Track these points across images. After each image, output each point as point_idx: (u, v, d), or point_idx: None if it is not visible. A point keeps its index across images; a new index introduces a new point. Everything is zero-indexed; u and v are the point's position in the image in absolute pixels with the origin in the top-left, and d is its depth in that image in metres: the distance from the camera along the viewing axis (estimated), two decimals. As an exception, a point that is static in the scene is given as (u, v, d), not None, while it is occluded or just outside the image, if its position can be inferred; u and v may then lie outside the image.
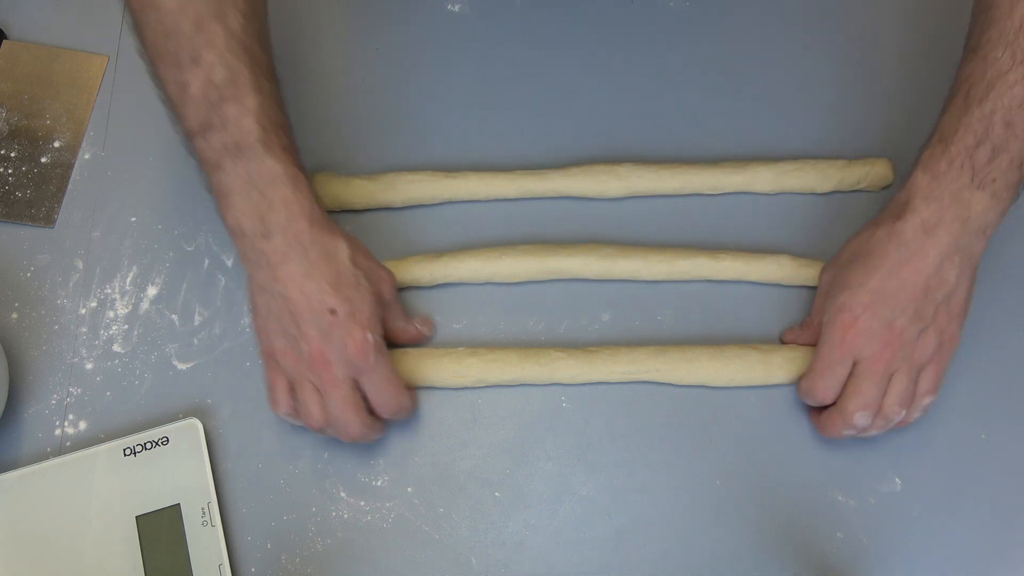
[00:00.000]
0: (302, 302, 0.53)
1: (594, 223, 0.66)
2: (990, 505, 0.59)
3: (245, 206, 0.53)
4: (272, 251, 0.53)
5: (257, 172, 0.53)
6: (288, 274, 0.53)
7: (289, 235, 0.53)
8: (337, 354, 0.54)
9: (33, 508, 0.56)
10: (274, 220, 0.53)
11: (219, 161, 0.53)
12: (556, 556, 0.58)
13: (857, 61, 0.72)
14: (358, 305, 0.54)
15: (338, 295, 0.54)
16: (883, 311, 0.55)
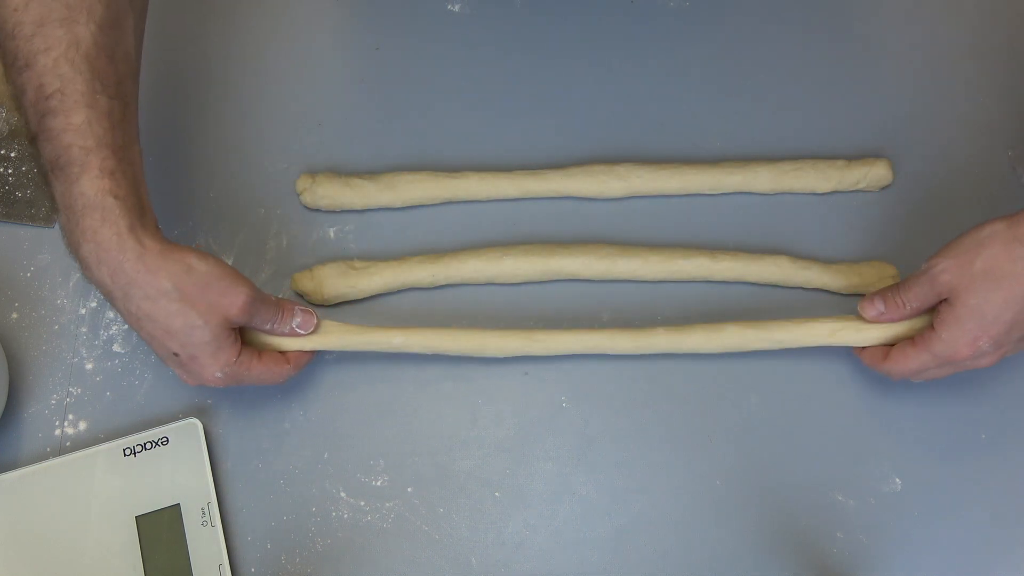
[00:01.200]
0: (148, 341, 0.53)
1: (594, 223, 0.66)
2: (990, 505, 0.59)
3: (67, 227, 0.51)
4: (99, 285, 0.51)
5: (71, 195, 0.49)
6: (124, 312, 0.52)
7: (104, 274, 0.50)
8: (197, 380, 0.55)
9: (33, 508, 0.56)
10: (88, 253, 0.50)
11: (48, 175, 0.51)
12: (556, 556, 0.58)
13: (857, 61, 0.72)
14: (196, 346, 0.52)
15: (173, 340, 0.52)
16: (1004, 339, 0.54)
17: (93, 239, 0.50)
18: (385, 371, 0.62)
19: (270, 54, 0.71)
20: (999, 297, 0.52)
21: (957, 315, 0.54)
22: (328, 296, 0.62)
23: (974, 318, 0.53)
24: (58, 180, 0.50)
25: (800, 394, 0.62)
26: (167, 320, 0.51)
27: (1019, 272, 0.52)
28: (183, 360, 0.53)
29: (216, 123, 0.69)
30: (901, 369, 0.57)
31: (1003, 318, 0.53)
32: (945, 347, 0.54)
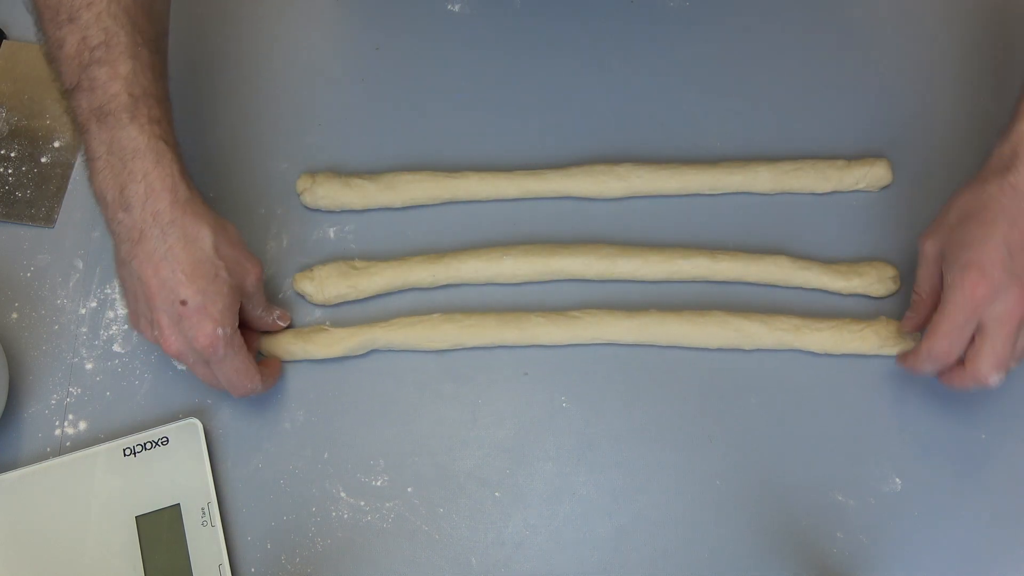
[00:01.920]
0: (155, 287, 0.52)
1: (594, 223, 0.66)
2: (990, 505, 0.59)
3: (107, 174, 0.52)
4: (131, 226, 0.52)
5: (119, 141, 0.51)
6: (145, 253, 0.52)
7: (148, 212, 0.52)
8: (187, 345, 0.53)
9: (33, 508, 0.56)
10: (133, 193, 0.51)
11: (86, 124, 0.52)
12: (556, 556, 0.58)
13: (857, 61, 0.72)
14: (211, 297, 0.53)
15: (192, 285, 0.52)
16: (1011, 266, 0.53)
17: (144, 179, 0.51)
18: (385, 371, 0.62)
19: (270, 54, 0.71)
20: (980, 230, 0.54)
21: (953, 262, 0.54)
22: (329, 296, 0.62)
23: (967, 254, 0.53)
24: (103, 127, 0.51)
25: (800, 394, 0.62)
26: (195, 264, 0.52)
27: (987, 203, 0.54)
28: (189, 310, 0.52)
29: (216, 123, 0.69)
30: (939, 344, 0.55)
31: (994, 243, 0.53)
32: (960, 294, 0.53)
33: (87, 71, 0.51)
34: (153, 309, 0.53)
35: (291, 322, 0.62)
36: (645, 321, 0.62)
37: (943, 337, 0.54)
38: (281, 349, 0.61)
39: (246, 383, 0.56)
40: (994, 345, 0.53)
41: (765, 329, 0.61)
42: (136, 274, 0.53)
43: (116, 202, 0.52)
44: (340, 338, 0.61)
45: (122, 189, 0.52)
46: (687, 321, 0.62)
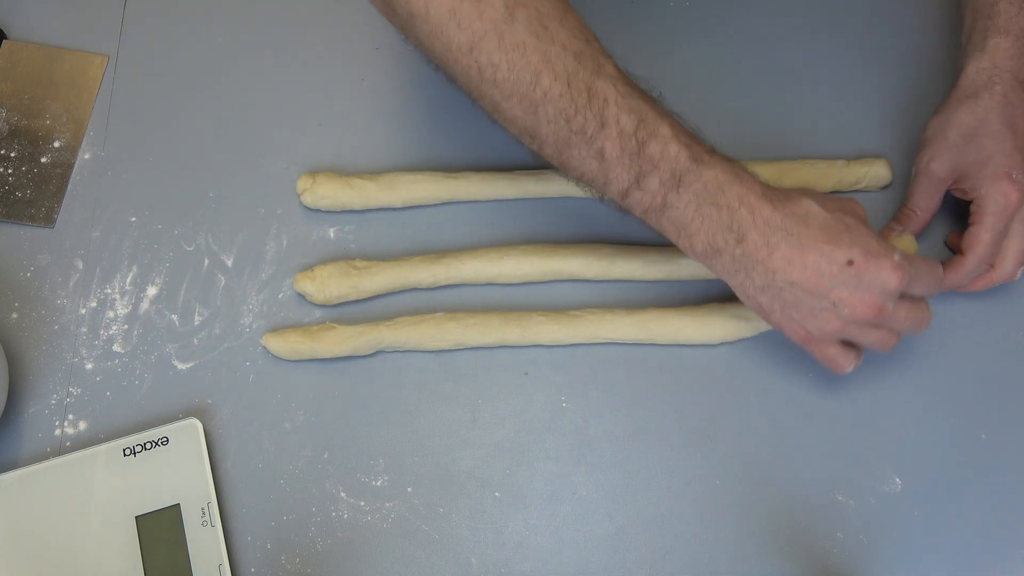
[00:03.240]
0: (813, 277, 0.51)
1: (594, 223, 0.66)
2: (990, 505, 0.59)
3: (708, 225, 0.52)
4: (755, 249, 0.51)
5: (703, 189, 0.51)
6: (782, 261, 0.51)
7: (760, 226, 0.51)
8: (881, 295, 0.51)
9: (33, 508, 0.56)
10: (741, 221, 0.51)
11: (664, 201, 0.52)
12: (556, 556, 0.58)
13: (856, 61, 0.72)
14: (862, 239, 0.51)
15: (842, 245, 0.51)
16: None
17: (741, 203, 0.51)
18: (385, 371, 0.62)
19: (270, 54, 0.71)
20: (993, 143, 0.58)
21: (978, 177, 0.58)
22: (330, 296, 0.62)
23: (991, 167, 0.58)
24: (683, 190, 0.51)
25: (800, 393, 0.62)
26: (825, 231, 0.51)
27: (988, 116, 0.58)
28: (860, 263, 0.50)
29: (216, 123, 0.69)
30: (985, 253, 0.59)
31: (1009, 151, 0.58)
32: (996, 204, 0.58)
33: (643, 156, 0.51)
34: (828, 294, 0.51)
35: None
36: (645, 317, 0.62)
37: (988, 246, 0.59)
38: (288, 348, 0.61)
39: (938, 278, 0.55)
40: (1019, 243, 0.59)
41: None
42: (787, 283, 0.51)
43: (729, 242, 0.52)
44: (347, 336, 0.61)
45: (729, 227, 0.51)
46: (687, 314, 0.62)
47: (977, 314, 0.64)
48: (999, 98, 0.59)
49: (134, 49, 0.71)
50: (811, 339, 0.54)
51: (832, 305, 0.52)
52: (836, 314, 0.52)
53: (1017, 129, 0.59)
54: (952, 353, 0.63)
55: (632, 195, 0.52)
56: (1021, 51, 0.60)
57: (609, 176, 0.52)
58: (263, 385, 0.61)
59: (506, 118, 0.52)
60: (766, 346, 0.63)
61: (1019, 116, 0.59)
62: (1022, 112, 0.59)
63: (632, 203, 0.53)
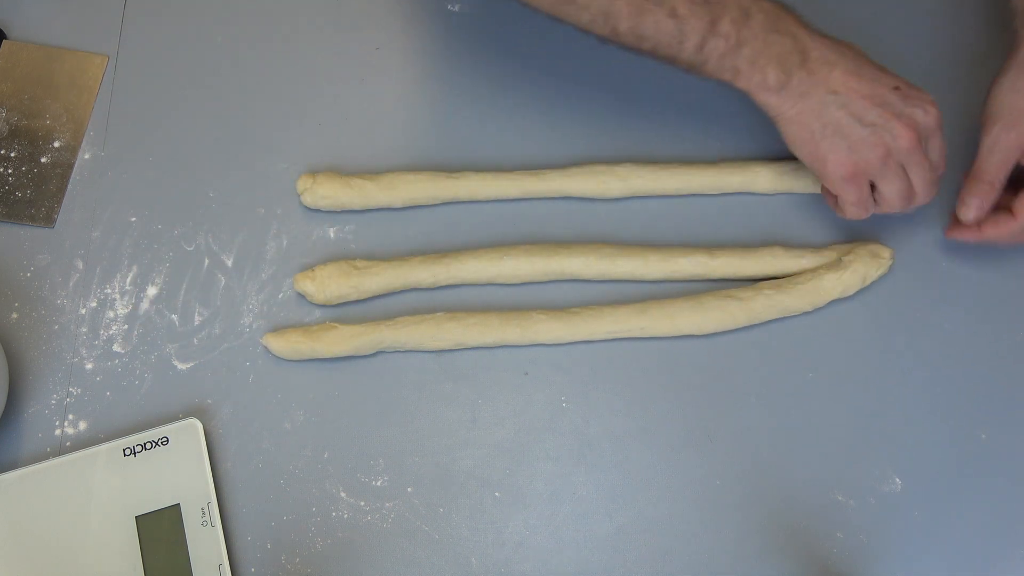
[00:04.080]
0: (868, 91, 0.55)
1: (594, 223, 0.66)
2: (990, 505, 0.59)
3: (778, 52, 0.55)
4: (817, 67, 0.55)
5: (766, 18, 0.55)
6: (840, 77, 0.55)
7: (819, 46, 0.55)
8: (921, 122, 0.56)
9: (33, 508, 0.56)
10: (803, 41, 0.55)
11: (737, 39, 0.54)
12: (556, 556, 0.58)
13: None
14: (902, 79, 0.57)
15: (888, 73, 0.56)
16: None
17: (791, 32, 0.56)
18: (385, 371, 0.62)
19: (270, 54, 0.71)
20: None
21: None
22: (330, 296, 0.62)
23: None
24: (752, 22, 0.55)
25: (800, 393, 0.62)
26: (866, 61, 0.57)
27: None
28: (904, 89, 0.56)
29: (216, 123, 0.69)
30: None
31: None
32: None
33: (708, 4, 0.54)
34: (877, 115, 0.55)
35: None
36: (644, 305, 0.62)
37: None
38: (289, 347, 0.61)
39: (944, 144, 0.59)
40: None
41: (751, 292, 0.62)
42: (844, 103, 0.55)
43: (793, 64, 0.55)
44: (348, 336, 0.61)
45: (793, 51, 0.55)
46: (685, 301, 0.62)
47: (977, 314, 0.64)
48: None
49: (134, 49, 0.71)
50: (855, 171, 0.57)
51: (882, 126, 0.55)
52: (882, 138, 0.56)
53: None
54: (952, 353, 0.63)
55: (708, 43, 0.55)
56: None
57: (685, 31, 0.54)
58: (263, 385, 0.61)
59: (580, 5, 0.55)
60: (766, 346, 0.63)
61: None
62: None
63: (709, 52, 0.55)
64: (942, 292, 0.64)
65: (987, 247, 0.63)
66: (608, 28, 0.55)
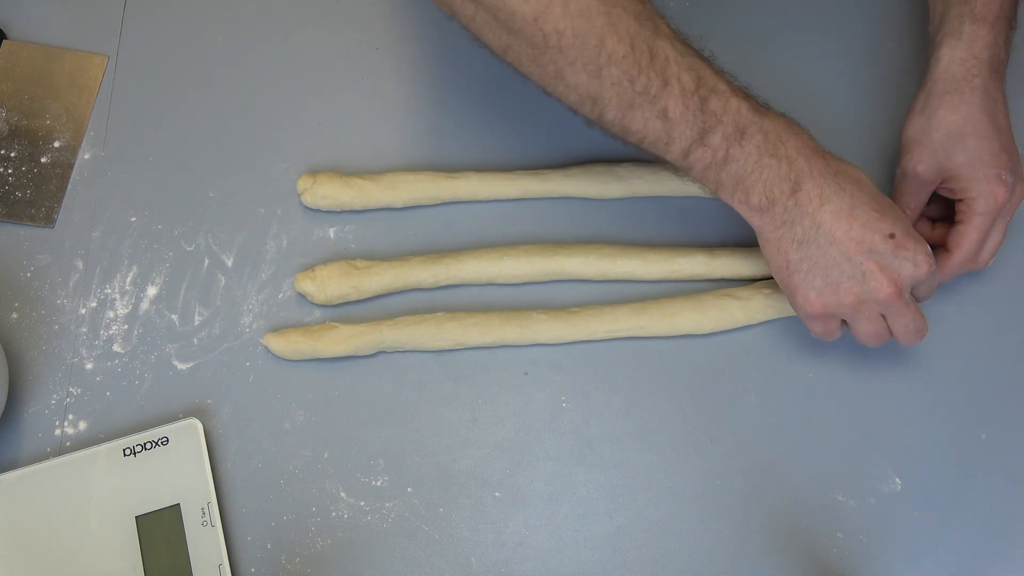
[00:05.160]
0: (858, 236, 0.52)
1: (594, 223, 0.66)
2: (990, 505, 0.59)
3: (767, 177, 0.53)
4: (807, 199, 0.53)
5: (764, 140, 0.52)
6: (830, 215, 0.53)
7: (816, 177, 0.53)
8: (908, 276, 0.53)
9: (33, 508, 0.56)
10: (798, 170, 0.53)
11: (725, 156, 0.52)
12: (556, 556, 0.58)
13: (857, 61, 0.72)
14: (903, 220, 0.54)
15: (887, 218, 0.53)
16: (1010, 164, 0.59)
17: (798, 153, 0.53)
18: (385, 371, 0.62)
19: (270, 54, 0.71)
20: (982, 144, 0.58)
21: (969, 178, 0.58)
22: (331, 296, 0.62)
23: (982, 168, 0.58)
24: (745, 142, 0.52)
25: (800, 393, 0.62)
26: (877, 198, 0.54)
27: (975, 116, 0.58)
28: (899, 238, 0.53)
29: (216, 123, 0.69)
30: (973, 250, 0.60)
31: (996, 151, 0.58)
32: (987, 204, 0.58)
33: (705, 112, 0.51)
34: (862, 261, 0.53)
35: None
36: (644, 304, 0.62)
37: (976, 244, 0.60)
38: (289, 347, 0.61)
39: (933, 290, 0.57)
40: (997, 236, 0.60)
41: (750, 291, 0.63)
42: (827, 240, 0.53)
43: (784, 192, 0.53)
44: (349, 336, 0.61)
45: (786, 177, 0.53)
46: (685, 300, 0.62)
47: (977, 314, 0.64)
48: (980, 92, 0.59)
49: (134, 49, 0.71)
50: (822, 311, 0.55)
51: (861, 274, 0.53)
52: (860, 285, 0.53)
53: (1000, 126, 0.59)
54: (952, 353, 0.63)
55: (694, 152, 0.53)
56: (996, 40, 0.59)
57: (672, 135, 0.52)
58: (263, 385, 0.61)
59: (568, 85, 0.52)
60: (766, 346, 0.63)
61: (999, 111, 0.59)
62: (1001, 106, 0.60)
63: (694, 160, 0.53)
64: (942, 292, 0.64)
65: None
66: (595, 113, 0.53)
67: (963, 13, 0.60)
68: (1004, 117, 0.60)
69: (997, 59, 0.59)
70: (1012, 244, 0.66)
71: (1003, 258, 0.65)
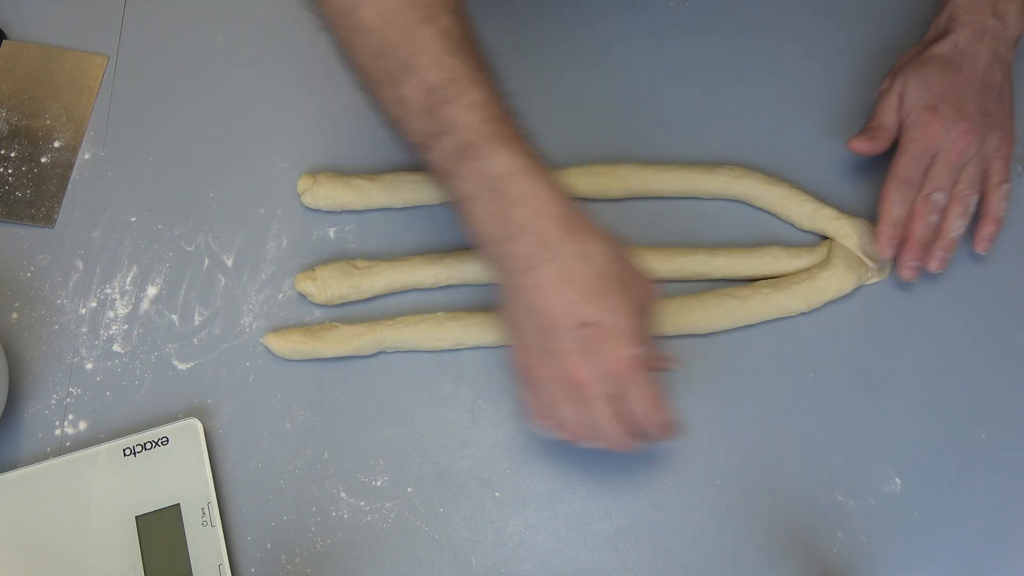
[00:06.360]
0: (555, 314, 0.48)
1: (594, 223, 0.66)
2: (990, 505, 0.59)
3: (485, 210, 0.49)
4: (517, 256, 0.48)
5: (491, 171, 0.48)
6: (536, 282, 0.48)
7: (534, 237, 0.48)
8: (596, 372, 0.48)
9: (33, 508, 0.56)
10: (516, 220, 0.48)
11: (451, 168, 0.49)
12: (556, 556, 0.58)
13: (857, 61, 0.72)
14: (618, 315, 0.48)
15: (596, 305, 0.48)
16: (959, 105, 0.61)
17: (526, 204, 0.48)
18: (385, 371, 0.62)
19: (270, 54, 0.71)
20: (931, 72, 0.62)
21: (896, 95, 0.63)
22: (331, 296, 0.62)
23: (915, 91, 0.62)
24: (471, 163, 0.48)
25: (800, 393, 0.62)
26: (594, 282, 0.48)
27: (934, 56, 0.63)
28: (598, 331, 0.47)
29: (216, 123, 0.69)
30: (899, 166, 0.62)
31: (943, 84, 0.61)
32: (914, 128, 0.61)
33: (438, 115, 0.48)
34: (554, 339, 0.48)
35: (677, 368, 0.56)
36: None
37: (906, 167, 0.62)
38: (290, 347, 0.61)
39: (659, 414, 0.51)
40: (935, 172, 0.61)
41: (749, 291, 0.62)
42: (530, 305, 0.49)
43: (498, 236, 0.49)
44: (349, 336, 0.61)
45: (503, 220, 0.48)
46: (685, 303, 0.62)
47: (976, 314, 0.64)
48: (951, 46, 0.63)
49: (134, 49, 0.71)
50: (522, 372, 0.52)
51: (551, 352, 0.49)
52: (549, 363, 0.49)
53: (962, 74, 0.62)
54: (952, 353, 0.63)
55: (427, 152, 0.50)
56: (974, 7, 0.63)
57: (408, 126, 0.50)
58: (263, 385, 0.61)
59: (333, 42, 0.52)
60: (766, 346, 0.63)
61: (963, 63, 0.62)
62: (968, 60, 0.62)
63: (429, 161, 0.51)
64: (942, 292, 0.64)
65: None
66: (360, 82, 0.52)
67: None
68: (975, 72, 0.62)
69: (977, 23, 0.62)
70: (1012, 244, 0.66)
71: (1003, 258, 0.65)
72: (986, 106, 0.62)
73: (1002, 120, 0.63)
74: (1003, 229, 0.65)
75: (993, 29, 0.62)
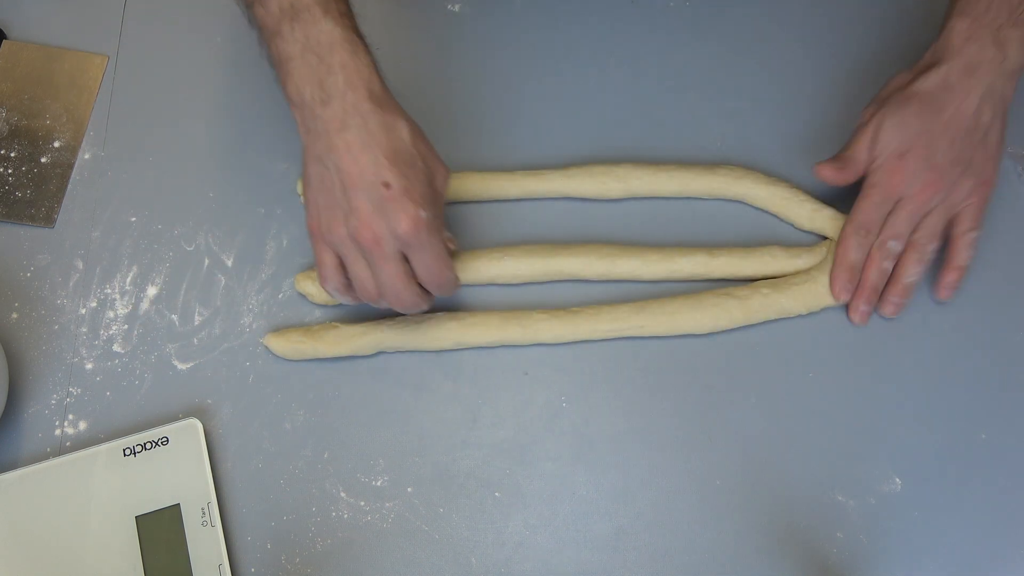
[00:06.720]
0: (355, 174, 0.52)
1: (594, 223, 0.66)
2: (990, 505, 0.59)
3: (304, 72, 0.52)
4: (330, 118, 0.52)
5: (315, 36, 0.52)
6: (344, 143, 0.52)
7: (348, 102, 0.52)
8: (388, 230, 0.52)
9: (33, 508, 0.56)
10: (333, 85, 0.52)
11: (277, 27, 0.52)
12: (556, 556, 0.58)
13: (857, 61, 0.72)
14: (413, 182, 0.52)
15: (394, 169, 0.52)
16: (929, 155, 0.59)
17: (343, 71, 0.52)
18: (386, 371, 0.62)
19: (270, 54, 0.71)
20: (908, 111, 0.60)
21: (873, 131, 0.61)
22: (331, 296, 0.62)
23: (889, 132, 0.60)
24: (296, 24, 0.52)
25: (799, 393, 0.62)
26: (396, 151, 0.52)
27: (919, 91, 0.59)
28: (392, 193, 0.51)
29: (216, 123, 0.69)
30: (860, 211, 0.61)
31: (917, 127, 0.59)
32: (879, 173, 0.60)
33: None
34: (353, 196, 0.52)
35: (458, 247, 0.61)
36: (643, 303, 0.62)
37: (866, 212, 0.61)
38: (290, 347, 0.61)
39: (444, 272, 0.55)
40: (894, 219, 0.61)
41: (748, 291, 0.62)
42: (335, 165, 0.52)
43: (314, 98, 0.52)
44: (350, 336, 0.61)
45: (321, 84, 0.52)
46: (685, 299, 0.62)
47: (977, 314, 0.64)
48: (939, 81, 0.59)
49: (134, 49, 0.71)
50: (317, 232, 0.54)
51: (349, 209, 0.52)
52: (345, 220, 0.53)
53: (943, 117, 0.59)
54: (952, 354, 0.63)
55: (255, 8, 0.54)
56: (973, 35, 0.59)
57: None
58: (263, 385, 0.61)
59: None
60: (766, 346, 0.63)
61: (948, 103, 0.59)
62: (957, 100, 0.59)
63: (254, 16, 0.54)
64: (938, 294, 0.64)
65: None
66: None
67: (951, 9, 0.60)
68: (962, 115, 0.59)
69: (974, 54, 0.58)
70: (1012, 244, 0.66)
71: (1002, 258, 0.65)
72: (962, 153, 0.59)
73: (980, 166, 0.60)
74: (1003, 230, 0.65)
75: (990, 61, 0.58)
